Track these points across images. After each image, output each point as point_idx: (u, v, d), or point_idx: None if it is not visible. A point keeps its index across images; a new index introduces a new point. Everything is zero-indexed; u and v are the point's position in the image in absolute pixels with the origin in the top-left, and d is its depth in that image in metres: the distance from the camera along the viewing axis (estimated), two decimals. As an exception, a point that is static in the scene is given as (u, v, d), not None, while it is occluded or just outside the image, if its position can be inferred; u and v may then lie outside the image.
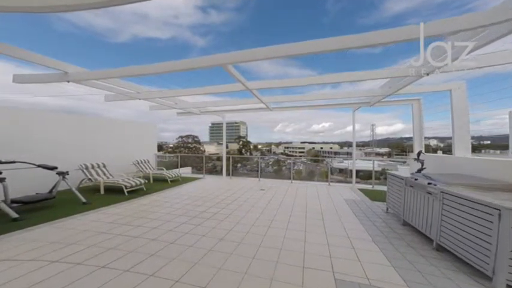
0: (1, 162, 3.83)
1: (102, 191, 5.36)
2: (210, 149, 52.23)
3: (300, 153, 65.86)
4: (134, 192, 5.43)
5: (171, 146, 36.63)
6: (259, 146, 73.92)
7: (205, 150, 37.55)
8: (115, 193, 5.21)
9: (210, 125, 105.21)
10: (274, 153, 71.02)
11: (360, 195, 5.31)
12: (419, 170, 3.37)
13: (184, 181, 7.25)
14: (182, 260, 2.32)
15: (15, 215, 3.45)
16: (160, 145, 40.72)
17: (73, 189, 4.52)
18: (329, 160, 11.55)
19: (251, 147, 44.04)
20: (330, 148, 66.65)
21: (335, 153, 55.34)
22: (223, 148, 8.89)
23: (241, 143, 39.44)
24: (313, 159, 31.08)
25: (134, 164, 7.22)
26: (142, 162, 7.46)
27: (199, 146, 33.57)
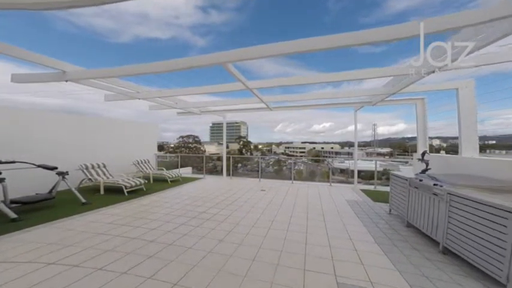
0: (1, 162, 3.80)
1: (102, 191, 5.34)
2: (211, 149, 52.26)
3: (301, 153, 65.77)
4: (134, 192, 5.40)
5: (172, 146, 36.67)
6: (260, 146, 73.93)
7: (205, 150, 37.57)
8: (115, 193, 5.19)
9: (211, 125, 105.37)
10: (274, 153, 70.96)
11: (362, 196, 5.25)
12: (423, 171, 3.30)
13: (184, 181, 7.21)
14: (181, 262, 2.28)
15: (14, 216, 3.43)
16: (162, 145, 40.81)
17: (73, 189, 4.49)
18: (330, 160, 11.46)
19: (251, 147, 44.03)
20: (331, 148, 66.46)
21: (336, 153, 55.17)
22: (223, 148, 8.84)
23: (241, 143, 39.42)
24: (314, 159, 30.98)
25: (134, 164, 7.20)
26: (143, 162, 7.44)
27: (199, 146, 33.59)
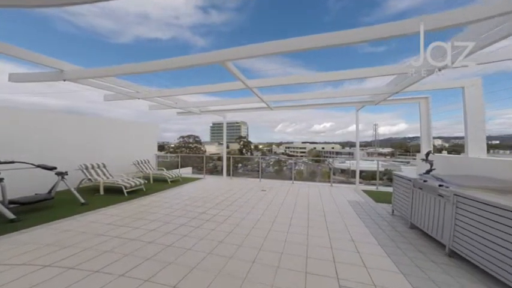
0: (0, 163, 3.77)
1: (102, 191, 5.30)
2: (211, 149, 52.25)
3: (301, 153, 65.64)
4: (134, 192, 5.36)
5: (173, 146, 36.68)
6: (260, 146, 73.88)
7: (206, 150, 37.57)
8: (114, 193, 5.15)
9: (211, 125, 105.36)
10: (275, 153, 70.88)
11: (364, 197, 5.18)
12: (428, 171, 3.24)
13: (184, 181, 7.17)
14: (179, 264, 2.23)
15: (12, 216, 3.39)
16: (162, 145, 40.85)
17: (72, 189, 4.46)
18: (330, 160, 11.39)
19: (252, 147, 43.99)
20: (332, 148, 66.29)
21: (337, 153, 55.02)
22: (223, 148, 8.79)
23: (242, 143, 39.41)
24: (315, 160, 30.89)
25: (134, 164, 7.16)
26: (143, 163, 7.40)
27: (200, 146, 33.61)
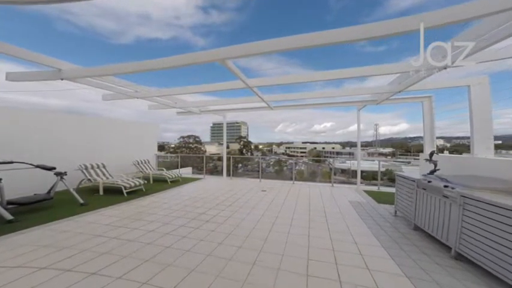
0: (-2, 163, 3.73)
1: (101, 191, 5.26)
2: (211, 149, 52.23)
3: (302, 153, 65.56)
4: (133, 193, 5.32)
5: (173, 146, 36.68)
6: (260, 146, 73.84)
7: (206, 151, 37.55)
8: (114, 194, 5.11)
9: (212, 125, 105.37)
10: (275, 153, 70.82)
11: (366, 197, 5.13)
12: (432, 172, 3.18)
13: (184, 181, 7.13)
14: (178, 266, 2.19)
15: (10, 217, 3.35)
16: (163, 145, 40.85)
17: (71, 190, 4.42)
18: (331, 160, 11.32)
19: (252, 148, 43.95)
20: (332, 148, 66.17)
21: (337, 154, 54.92)
22: (223, 148, 8.75)
23: (242, 143, 39.37)
24: (315, 160, 30.83)
25: (134, 164, 7.13)
26: (142, 163, 7.37)
27: (200, 146, 33.60)
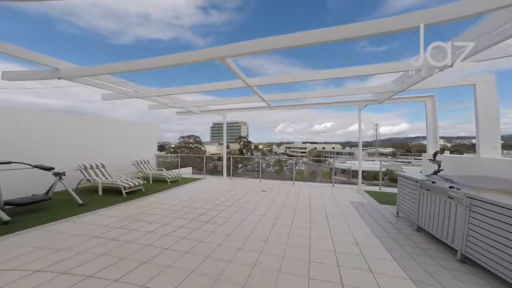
0: (-4, 163, 3.69)
1: (101, 191, 5.22)
2: (211, 149, 52.19)
3: (302, 153, 65.51)
4: (133, 193, 5.28)
5: (173, 146, 36.64)
6: (260, 146, 73.77)
7: (206, 151, 37.51)
8: (113, 194, 5.07)
9: (212, 125, 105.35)
10: (275, 153, 70.77)
11: (367, 198, 5.08)
12: (435, 172, 3.13)
13: (184, 182, 7.09)
14: (177, 269, 2.15)
15: (7, 218, 3.31)
16: (163, 145, 40.81)
17: (69, 190, 4.38)
18: (331, 160, 11.28)
19: (252, 148, 43.89)
20: (332, 148, 66.10)
21: (337, 154, 54.86)
22: (223, 148, 8.71)
23: (242, 143, 39.30)
24: (316, 160, 30.79)
25: (134, 165, 7.09)
26: (142, 163, 7.33)
27: (200, 146, 33.55)
